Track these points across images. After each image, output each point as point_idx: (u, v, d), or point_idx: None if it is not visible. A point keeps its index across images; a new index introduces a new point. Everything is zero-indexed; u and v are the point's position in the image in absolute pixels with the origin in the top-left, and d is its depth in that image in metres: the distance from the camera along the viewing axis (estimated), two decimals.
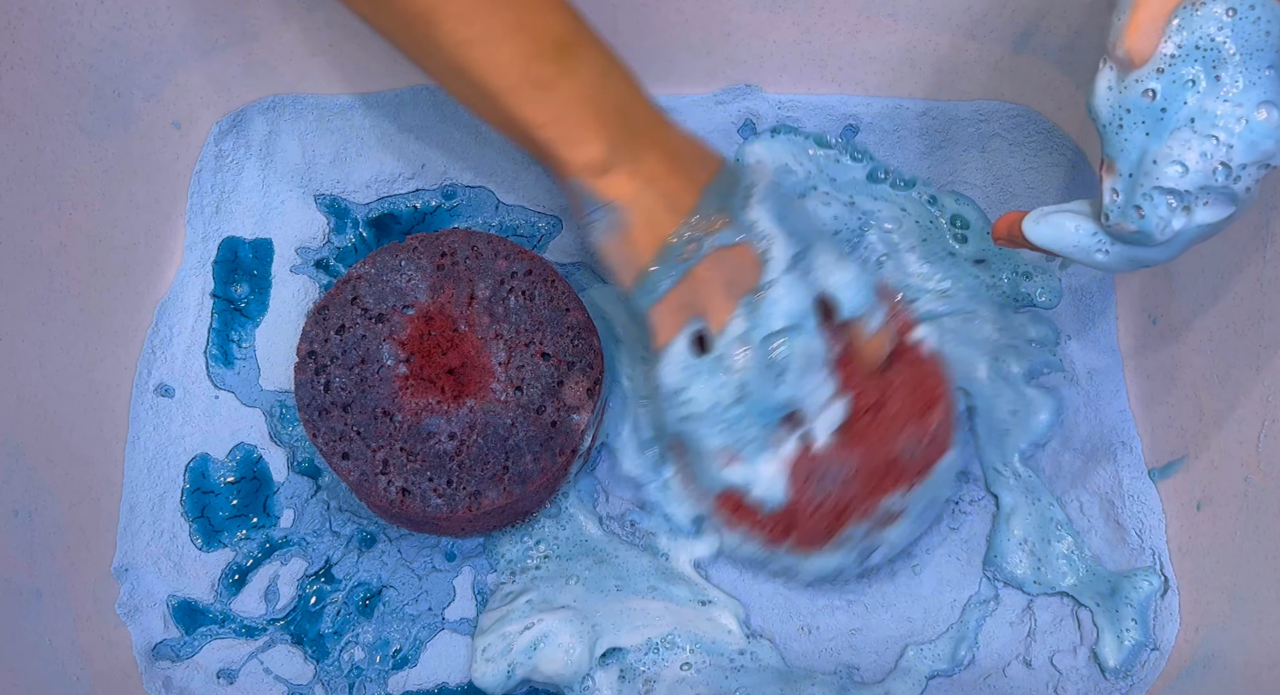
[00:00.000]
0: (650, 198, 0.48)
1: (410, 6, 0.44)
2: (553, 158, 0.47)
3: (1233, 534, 0.52)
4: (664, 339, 0.50)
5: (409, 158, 0.62)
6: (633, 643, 0.53)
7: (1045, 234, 0.45)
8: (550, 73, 0.45)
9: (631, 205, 0.48)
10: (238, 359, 0.59)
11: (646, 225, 0.48)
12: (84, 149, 0.55)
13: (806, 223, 0.51)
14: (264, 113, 0.62)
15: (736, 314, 0.49)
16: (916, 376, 0.53)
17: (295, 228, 0.61)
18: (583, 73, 0.46)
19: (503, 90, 0.45)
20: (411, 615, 0.55)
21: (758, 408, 0.50)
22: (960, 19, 0.59)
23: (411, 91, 0.62)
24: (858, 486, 0.51)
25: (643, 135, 0.48)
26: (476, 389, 0.52)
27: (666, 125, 0.49)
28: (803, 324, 0.49)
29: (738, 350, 0.49)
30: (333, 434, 0.51)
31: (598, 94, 0.46)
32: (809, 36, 0.61)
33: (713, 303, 0.49)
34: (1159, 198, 0.41)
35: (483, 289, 0.54)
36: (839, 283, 0.50)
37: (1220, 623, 0.52)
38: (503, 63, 0.45)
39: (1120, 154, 0.41)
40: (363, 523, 0.56)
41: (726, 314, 0.49)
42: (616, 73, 0.48)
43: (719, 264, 0.48)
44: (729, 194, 0.49)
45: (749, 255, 0.48)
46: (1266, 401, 0.50)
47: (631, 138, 0.47)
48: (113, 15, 0.55)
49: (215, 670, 0.54)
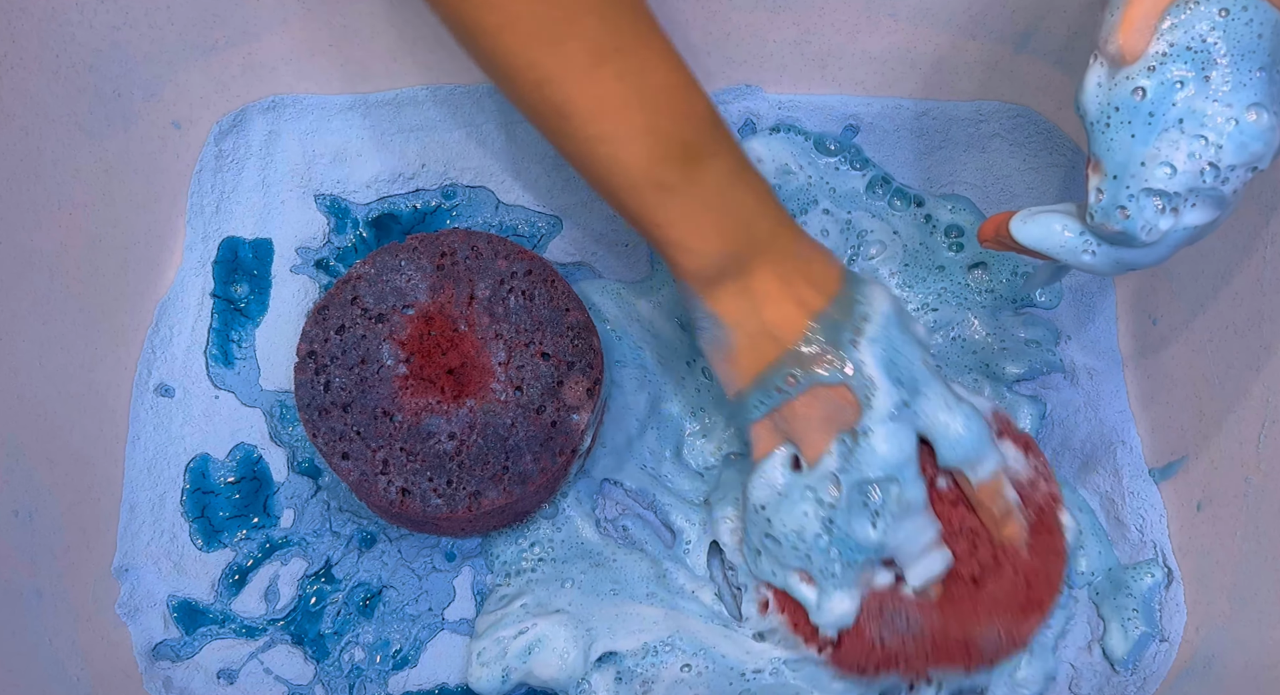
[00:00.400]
0: (754, 324, 0.47)
1: (546, 97, 0.43)
2: (667, 259, 0.47)
3: (1233, 534, 0.52)
4: (760, 454, 0.50)
5: (409, 158, 0.62)
6: (629, 647, 0.53)
7: (1032, 234, 0.45)
8: (673, 178, 0.45)
9: (735, 328, 0.47)
10: (238, 359, 0.59)
11: (748, 350, 0.48)
12: (84, 149, 0.55)
13: (917, 365, 0.48)
14: (264, 113, 0.62)
15: (830, 451, 0.48)
16: (1034, 568, 0.50)
17: (295, 228, 0.61)
18: (708, 181, 0.45)
19: (625, 188, 0.45)
20: (411, 615, 0.55)
21: (844, 545, 0.48)
22: (960, 19, 0.59)
23: (411, 91, 0.62)
24: (921, 648, 0.49)
25: (760, 250, 0.47)
26: (476, 389, 0.52)
27: (789, 240, 0.48)
28: (901, 474, 0.47)
29: (829, 487, 0.48)
30: (333, 434, 0.51)
31: (720, 203, 0.46)
32: (809, 36, 0.61)
33: (808, 436, 0.48)
34: (1146, 199, 0.40)
35: (483, 289, 0.54)
36: (945, 432, 0.48)
37: (1221, 623, 0.52)
38: (628, 163, 0.44)
39: (1106, 153, 0.41)
40: (363, 523, 0.56)
41: (821, 449, 0.48)
42: (745, 183, 0.47)
43: (816, 400, 0.47)
44: (840, 326, 0.47)
45: (850, 397, 0.47)
46: (1266, 401, 0.50)
47: (748, 252, 0.46)
48: (113, 15, 0.55)
49: (215, 670, 0.54)
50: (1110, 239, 0.43)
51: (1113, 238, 0.42)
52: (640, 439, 0.58)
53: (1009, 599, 0.50)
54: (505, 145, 0.62)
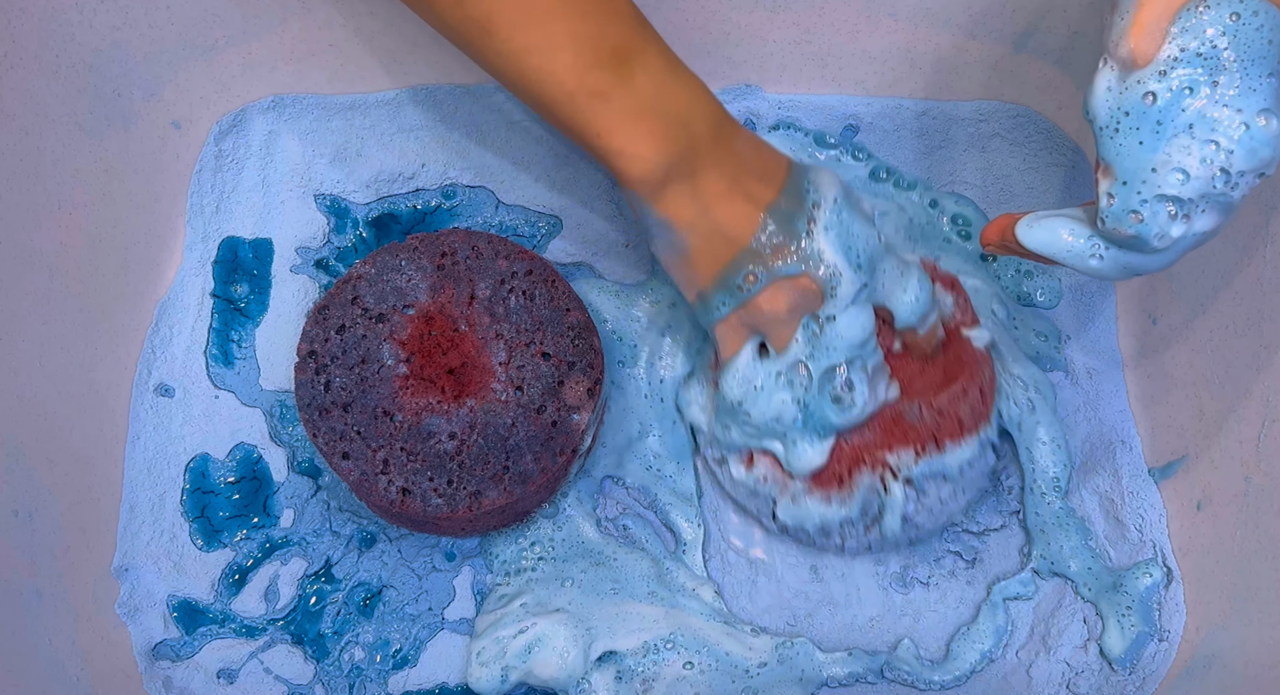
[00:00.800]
0: (707, 225, 0.47)
1: (468, 13, 0.43)
2: (610, 168, 0.46)
3: (1233, 534, 0.52)
4: (728, 353, 0.50)
5: (409, 158, 0.62)
6: (629, 646, 0.53)
7: (1039, 239, 0.45)
8: (606, 83, 0.44)
9: (688, 230, 0.47)
10: (238, 359, 0.59)
11: (704, 252, 0.48)
12: (84, 149, 0.55)
13: (872, 242, 0.49)
14: (264, 113, 0.62)
15: (797, 338, 0.49)
16: (951, 357, 0.54)
17: (295, 228, 0.61)
18: (641, 83, 0.45)
19: (559, 99, 0.44)
20: (411, 615, 0.55)
21: (816, 423, 0.50)
22: (960, 19, 0.59)
23: (411, 91, 0.62)
24: (869, 436, 0.52)
25: (703, 149, 0.46)
26: (477, 389, 0.52)
27: (730, 136, 0.47)
28: (864, 349, 0.49)
29: (799, 371, 0.49)
30: (333, 434, 0.51)
31: (656, 104, 0.45)
32: (809, 36, 0.61)
33: (774, 327, 0.49)
34: (1159, 205, 0.41)
35: (483, 289, 0.54)
36: (901, 300, 0.50)
37: (1221, 623, 0.52)
38: (558, 72, 0.44)
39: (1116, 158, 0.41)
40: (363, 523, 0.56)
41: (788, 336, 0.49)
42: (679, 82, 0.46)
43: (780, 291, 0.48)
44: (793, 216, 0.47)
45: (812, 285, 0.48)
46: (1266, 401, 0.50)
47: (690, 152, 0.46)
48: (113, 15, 0.55)
49: (215, 670, 0.54)
50: (1121, 244, 0.43)
51: (1124, 242, 0.43)
52: (641, 439, 0.58)
53: (932, 379, 0.53)
54: (505, 145, 0.62)
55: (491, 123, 0.63)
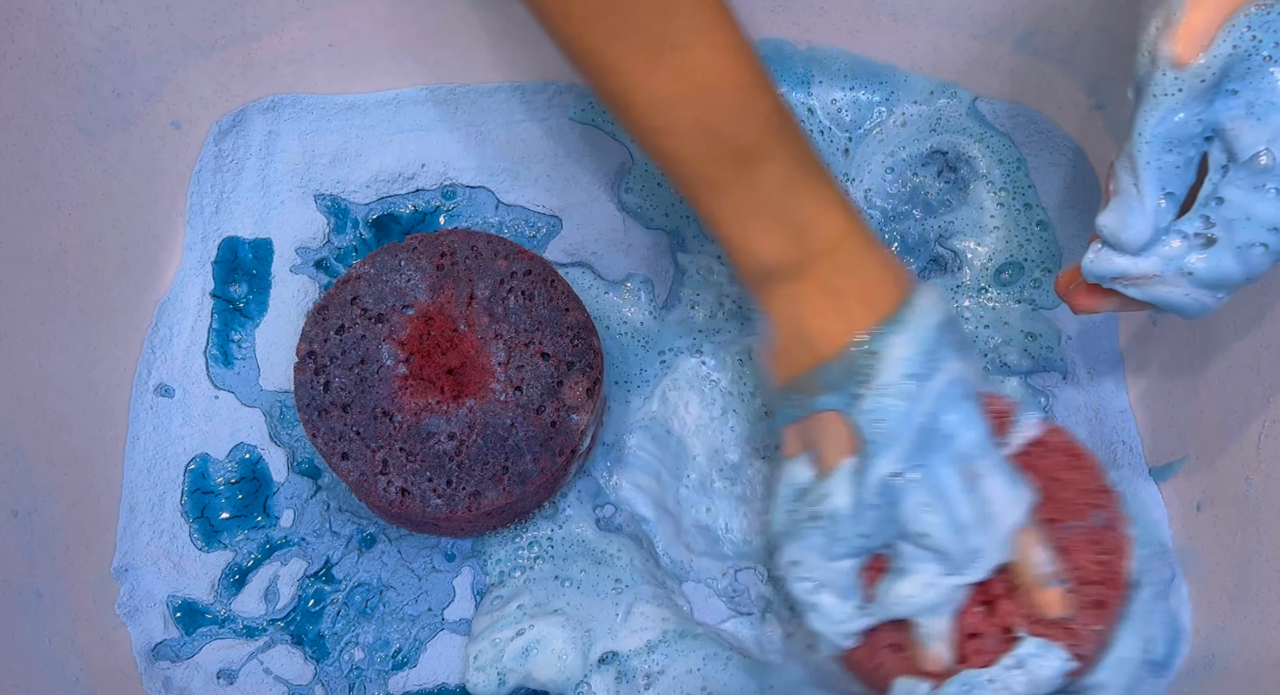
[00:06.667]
0: (793, 331, 0.46)
1: (609, 87, 0.43)
2: (724, 252, 0.47)
3: (1233, 534, 0.52)
4: (789, 453, 0.50)
5: (409, 158, 0.62)
6: (631, 647, 0.53)
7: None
8: (727, 178, 0.44)
9: (779, 328, 0.47)
10: (237, 359, 0.59)
11: (785, 353, 0.47)
12: (84, 149, 0.55)
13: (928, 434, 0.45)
14: (264, 113, 0.62)
15: (838, 471, 0.46)
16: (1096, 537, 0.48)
17: (295, 228, 0.61)
18: (762, 185, 0.44)
19: (681, 181, 0.45)
20: (411, 615, 0.55)
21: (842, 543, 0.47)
22: (960, 19, 0.59)
23: (411, 91, 0.62)
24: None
25: (816, 259, 0.45)
26: (476, 389, 0.52)
27: (852, 251, 0.46)
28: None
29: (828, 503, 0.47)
30: (332, 434, 0.51)
31: (775, 208, 0.45)
32: (809, 36, 0.61)
33: (824, 451, 0.47)
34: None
35: (482, 289, 0.54)
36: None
37: (1221, 623, 0.52)
38: (684, 158, 0.44)
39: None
40: (363, 523, 0.56)
41: (832, 463, 0.47)
42: (806, 187, 0.45)
43: (837, 421, 0.46)
44: (870, 361, 0.45)
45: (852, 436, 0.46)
46: (1266, 401, 0.50)
47: (803, 259, 0.45)
48: (113, 15, 0.55)
49: (215, 670, 0.54)
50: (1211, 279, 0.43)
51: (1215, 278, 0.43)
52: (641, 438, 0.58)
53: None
54: (505, 145, 0.62)
55: (491, 123, 0.63)
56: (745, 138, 0.44)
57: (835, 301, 0.46)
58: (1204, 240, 0.42)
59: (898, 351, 0.45)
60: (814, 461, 0.48)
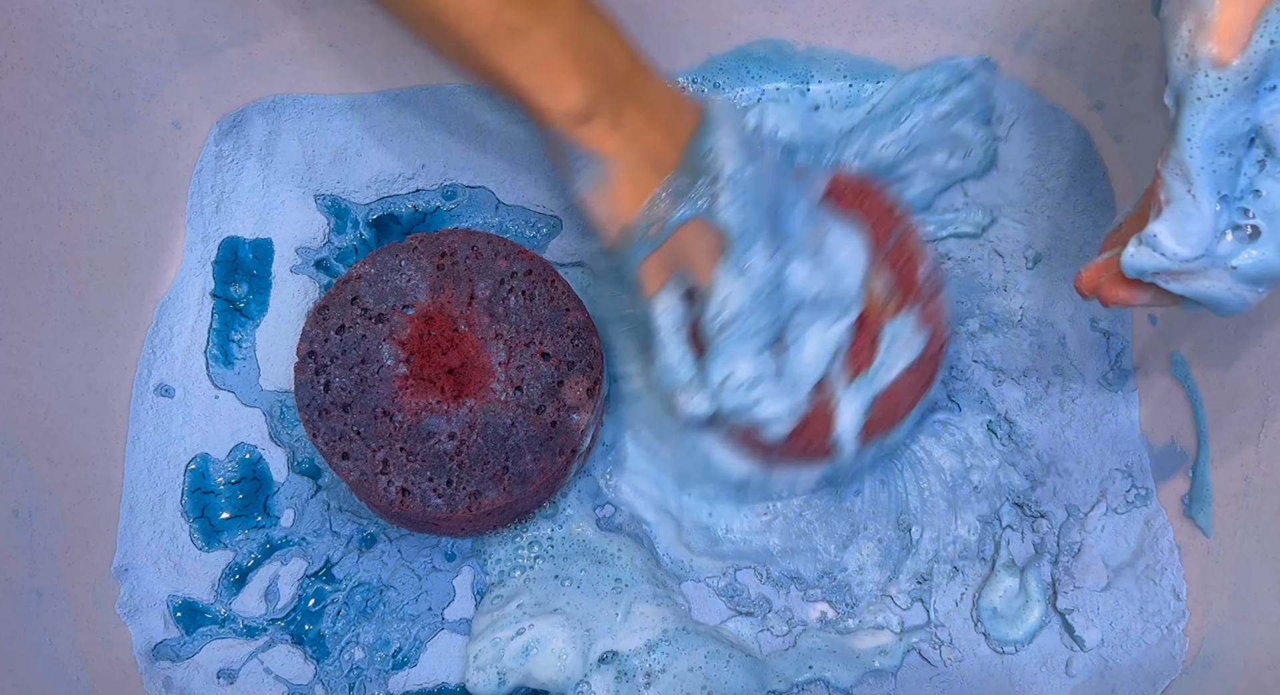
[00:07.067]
0: (633, 153, 0.47)
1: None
2: (531, 106, 0.46)
3: (1233, 534, 0.52)
4: (652, 290, 0.50)
5: (409, 158, 0.62)
6: (631, 646, 0.53)
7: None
8: (524, 18, 0.44)
9: (614, 159, 0.47)
10: (238, 359, 0.59)
11: (630, 182, 0.47)
12: (84, 149, 0.55)
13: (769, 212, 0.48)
14: (264, 113, 0.62)
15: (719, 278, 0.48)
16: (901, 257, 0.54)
17: (295, 228, 0.61)
18: (558, 18, 0.44)
19: (476, 37, 0.44)
20: (411, 615, 0.55)
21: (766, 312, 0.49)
22: (960, 19, 0.59)
23: (411, 91, 0.62)
24: None
25: (623, 84, 0.46)
26: (476, 389, 0.52)
27: (647, 73, 0.47)
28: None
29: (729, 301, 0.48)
30: (333, 434, 0.51)
31: (576, 39, 0.45)
32: (809, 37, 0.61)
33: (698, 263, 0.48)
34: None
35: (483, 289, 0.54)
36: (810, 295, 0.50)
37: (1221, 623, 0.52)
38: (475, 9, 0.43)
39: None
40: (363, 523, 0.56)
41: (710, 274, 0.48)
42: (595, 18, 0.46)
43: (703, 227, 0.47)
44: (704, 163, 0.47)
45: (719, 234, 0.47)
46: (1266, 401, 0.50)
47: (612, 86, 0.46)
48: (113, 15, 0.55)
49: (215, 670, 0.54)
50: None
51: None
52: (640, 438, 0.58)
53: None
54: (505, 145, 0.62)
55: (491, 123, 0.63)
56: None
57: (655, 117, 0.47)
58: (1246, 233, 0.41)
59: (728, 142, 0.47)
60: (682, 283, 0.49)
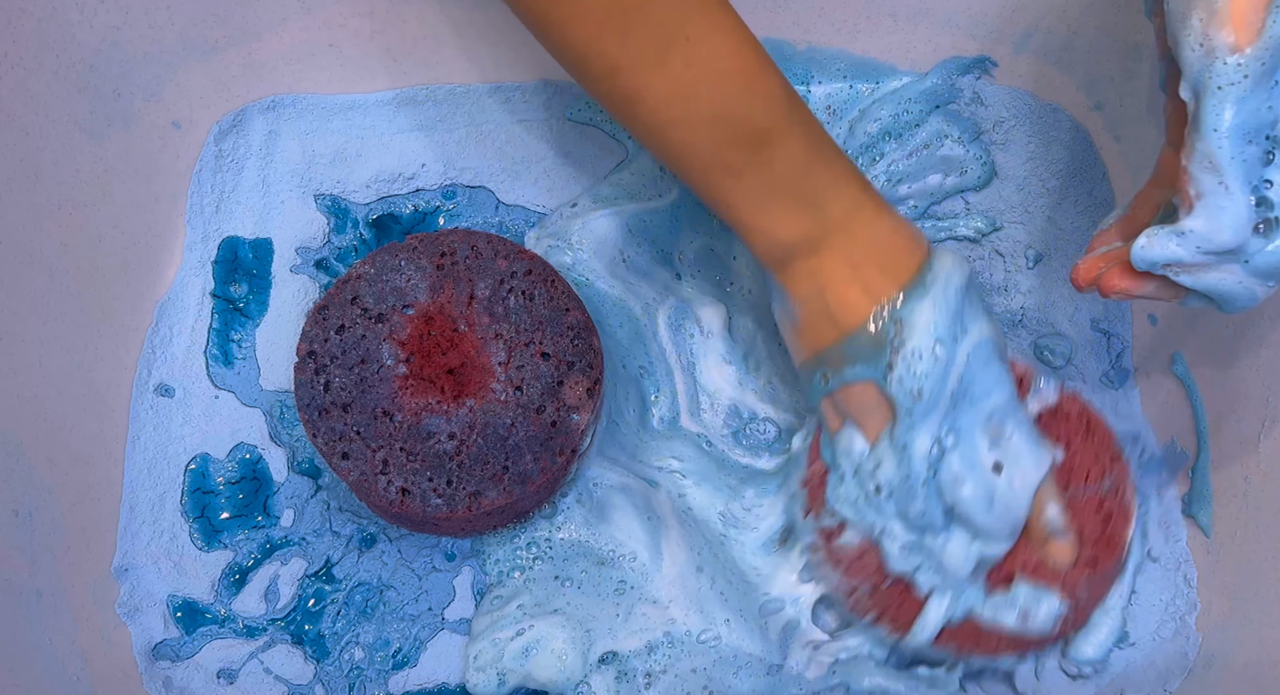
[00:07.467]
0: (818, 304, 0.47)
1: (618, 87, 0.44)
2: (741, 237, 0.48)
3: (1233, 534, 0.52)
4: (834, 428, 0.50)
5: (409, 158, 0.62)
6: (632, 647, 0.53)
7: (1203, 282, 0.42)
8: (742, 161, 0.45)
9: (801, 305, 0.48)
10: (238, 359, 0.59)
11: (811, 328, 0.48)
12: (84, 149, 0.55)
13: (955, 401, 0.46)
14: (264, 113, 0.62)
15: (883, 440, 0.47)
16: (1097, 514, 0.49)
17: (295, 228, 0.61)
18: (777, 163, 0.45)
19: (695, 171, 0.46)
20: (411, 615, 0.55)
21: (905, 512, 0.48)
22: (960, 19, 0.59)
23: (411, 91, 0.62)
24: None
25: (836, 228, 0.46)
26: (476, 389, 0.52)
27: (867, 222, 0.47)
28: None
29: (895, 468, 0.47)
30: (333, 434, 0.52)
31: (790, 185, 0.45)
32: (809, 37, 0.61)
33: (865, 420, 0.48)
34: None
35: (482, 289, 0.54)
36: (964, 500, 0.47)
37: (1220, 623, 0.52)
38: (697, 148, 0.45)
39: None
40: (363, 523, 0.56)
41: (877, 431, 0.47)
42: (819, 163, 0.46)
43: (874, 390, 0.47)
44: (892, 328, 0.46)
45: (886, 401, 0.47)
46: (1266, 401, 0.50)
47: (818, 235, 0.46)
48: (113, 15, 0.55)
49: (215, 670, 0.54)
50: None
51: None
52: (639, 437, 0.58)
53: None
54: (505, 145, 0.63)
55: (492, 123, 0.63)
56: (758, 119, 0.44)
57: (856, 272, 0.46)
58: (1263, 224, 0.40)
59: (924, 317, 0.45)
60: (860, 431, 0.48)
